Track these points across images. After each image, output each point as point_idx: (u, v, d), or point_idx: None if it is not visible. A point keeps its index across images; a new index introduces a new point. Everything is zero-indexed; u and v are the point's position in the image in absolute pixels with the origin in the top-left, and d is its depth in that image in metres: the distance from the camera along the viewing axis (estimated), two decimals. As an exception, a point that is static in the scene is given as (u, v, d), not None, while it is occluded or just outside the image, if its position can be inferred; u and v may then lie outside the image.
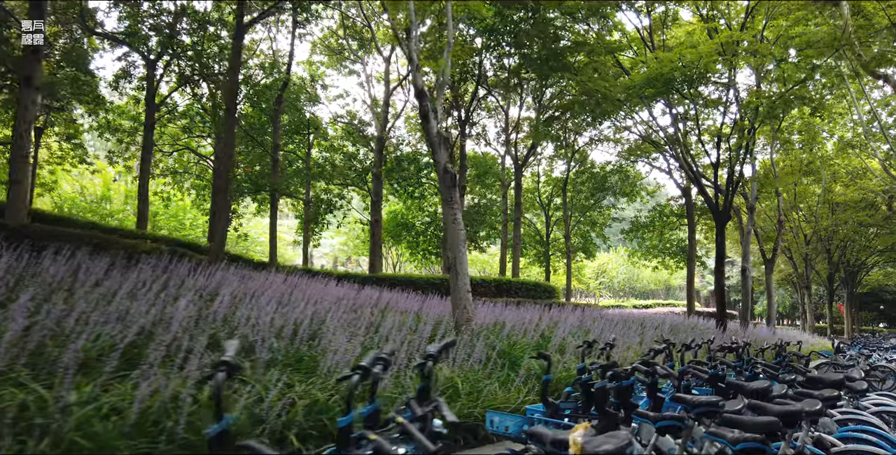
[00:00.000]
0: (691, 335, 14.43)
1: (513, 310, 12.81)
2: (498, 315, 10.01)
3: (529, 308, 15.10)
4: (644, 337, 11.73)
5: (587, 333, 11.06)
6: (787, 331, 26.62)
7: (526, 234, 31.44)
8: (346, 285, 13.22)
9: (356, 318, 6.86)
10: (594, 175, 29.73)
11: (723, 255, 17.41)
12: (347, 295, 10.04)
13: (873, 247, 40.72)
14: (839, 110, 30.66)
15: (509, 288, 22.10)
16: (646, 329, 13.43)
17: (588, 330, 11.31)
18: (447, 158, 8.21)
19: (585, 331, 11.33)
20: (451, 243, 8.24)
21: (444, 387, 5.27)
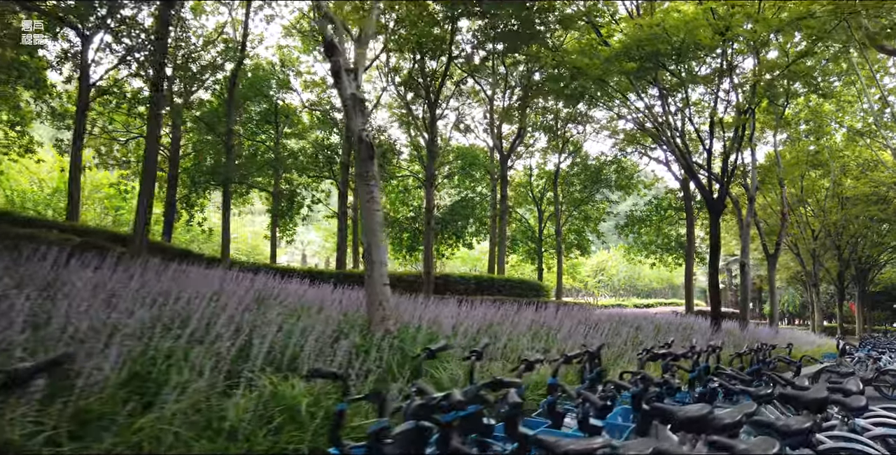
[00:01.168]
0: (677, 336, 13.00)
1: (478, 309, 11.43)
2: (437, 314, 8.61)
3: (505, 307, 13.67)
4: (615, 339, 10.31)
5: (548, 335, 9.67)
6: (793, 331, 25.06)
7: (518, 230, 30.02)
8: (297, 282, 11.87)
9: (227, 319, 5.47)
10: (588, 167, 28.24)
11: (717, 249, 15.94)
12: (266, 290, 8.69)
13: (886, 243, 38.91)
14: (848, 98, 29.03)
15: (492, 285, 20.72)
16: (622, 329, 12.02)
17: (549, 332, 9.90)
18: (363, 125, 6.84)
19: (547, 331, 9.93)
20: (366, 227, 6.88)
21: (277, 407, 3.88)
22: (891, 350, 17.77)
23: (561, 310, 14.66)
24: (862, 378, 12.75)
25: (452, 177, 27.58)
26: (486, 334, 7.88)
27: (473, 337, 7.52)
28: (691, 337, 13.53)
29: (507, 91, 22.56)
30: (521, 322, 9.98)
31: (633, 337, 11.55)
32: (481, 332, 7.99)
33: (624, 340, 10.18)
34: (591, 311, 18.28)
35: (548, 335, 9.69)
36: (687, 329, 15.10)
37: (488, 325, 8.87)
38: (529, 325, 10.15)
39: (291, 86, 21.45)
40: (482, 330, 8.23)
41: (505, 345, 7.56)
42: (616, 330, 12.37)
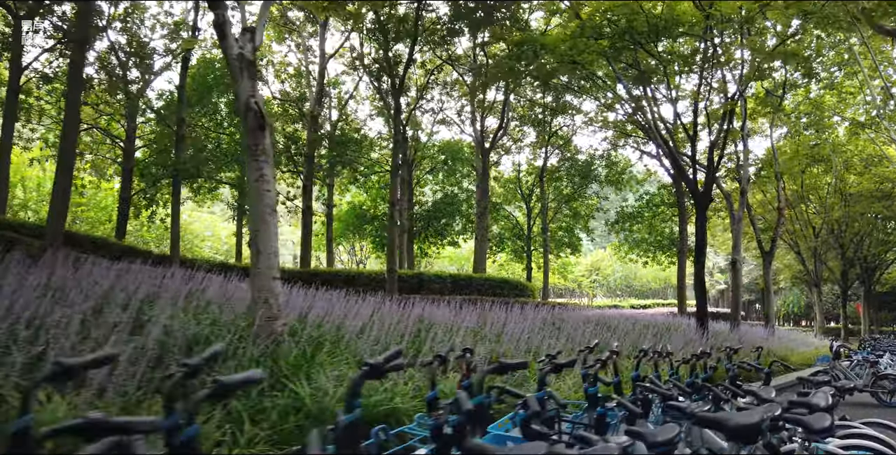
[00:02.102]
0: (655, 339, 11.93)
1: (426, 308, 10.37)
2: (356, 314, 7.55)
3: (469, 307, 12.57)
4: (571, 344, 9.25)
5: (499, 339, 8.63)
6: (792, 332, 23.87)
7: (505, 227, 28.96)
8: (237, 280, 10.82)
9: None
10: (577, 162, 27.15)
11: (703, 245, 14.84)
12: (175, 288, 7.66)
13: (892, 241, 37.57)
14: (850, 89, 27.81)
15: (469, 285, 19.68)
16: (588, 331, 10.98)
17: (499, 334, 8.84)
18: (251, 90, 5.82)
19: (498, 333, 8.88)
20: (254, 211, 5.87)
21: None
22: (892, 352, 16.60)
23: (537, 310, 13.63)
24: (855, 386, 11.51)
25: (436, 172, 26.59)
26: (409, 338, 6.82)
27: (386, 342, 6.45)
28: (672, 339, 12.49)
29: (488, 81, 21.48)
30: (462, 323, 8.94)
31: (602, 341, 10.47)
32: (406, 336, 6.94)
33: (579, 344, 9.08)
34: (574, 311, 17.22)
35: (498, 338, 8.64)
36: (670, 331, 14.00)
37: (418, 329, 7.81)
38: (476, 326, 9.13)
39: (262, 76, 20.46)
40: (410, 333, 7.17)
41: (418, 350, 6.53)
42: (582, 332, 11.33)
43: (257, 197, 5.78)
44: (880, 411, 11.06)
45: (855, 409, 11.41)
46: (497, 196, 30.18)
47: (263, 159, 5.81)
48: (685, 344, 11.38)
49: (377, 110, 23.72)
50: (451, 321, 9.12)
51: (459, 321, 9.34)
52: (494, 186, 30.39)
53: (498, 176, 30.26)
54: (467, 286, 19.55)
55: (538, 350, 8.44)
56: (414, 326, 7.91)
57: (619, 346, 9.86)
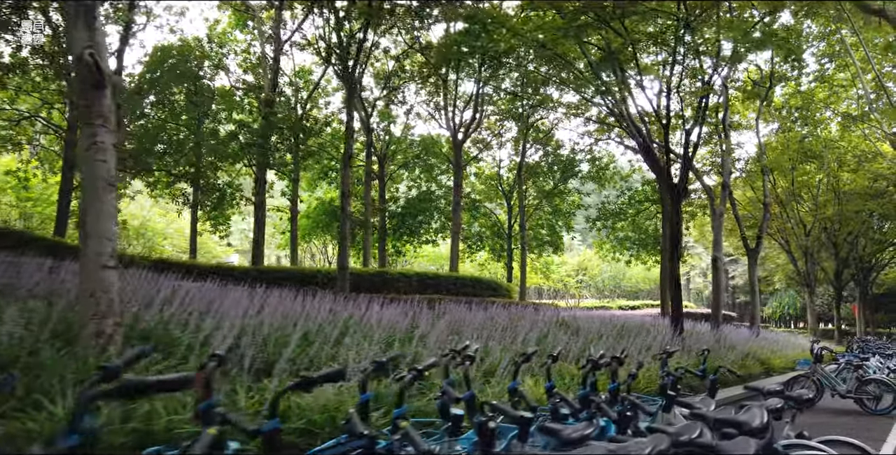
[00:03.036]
0: (626, 342, 10.92)
1: (374, 307, 9.37)
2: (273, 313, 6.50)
3: (420, 307, 11.50)
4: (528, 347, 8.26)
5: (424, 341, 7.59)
6: (779, 334, 22.79)
7: (485, 225, 27.93)
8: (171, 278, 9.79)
9: None
10: (560, 157, 26.11)
11: (676, 240, 13.81)
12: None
13: (888, 240, 36.53)
14: (841, 82, 26.87)
15: (437, 284, 18.66)
16: (555, 334, 10.00)
17: (424, 336, 7.80)
18: (88, 40, 4.79)
19: (423, 336, 7.84)
20: (85, 184, 4.86)
21: None
22: (882, 353, 15.56)
23: (506, 310, 12.66)
24: (838, 392, 10.36)
25: (411, 168, 25.55)
26: (296, 343, 5.73)
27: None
28: (637, 342, 11.49)
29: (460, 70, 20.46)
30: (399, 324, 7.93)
31: (564, 343, 9.47)
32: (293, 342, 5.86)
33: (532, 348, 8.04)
34: (549, 312, 16.15)
35: (424, 341, 7.60)
36: (643, 333, 12.97)
37: (341, 332, 6.77)
38: (408, 327, 8.12)
39: (222, 64, 19.45)
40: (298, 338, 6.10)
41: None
42: (543, 334, 10.32)
43: (89, 168, 4.77)
44: (864, 420, 10.06)
45: (837, 417, 10.41)
46: (478, 193, 29.19)
47: (100, 123, 4.80)
48: (647, 348, 10.36)
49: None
50: (386, 322, 8.14)
51: (394, 322, 8.37)
52: (475, 183, 29.40)
53: (479, 172, 29.26)
54: (435, 285, 18.53)
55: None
56: (332, 329, 6.91)
57: (564, 350, 8.89)
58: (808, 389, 11.70)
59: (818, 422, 9.85)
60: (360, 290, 16.59)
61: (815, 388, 11.47)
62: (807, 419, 10.15)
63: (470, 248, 27.24)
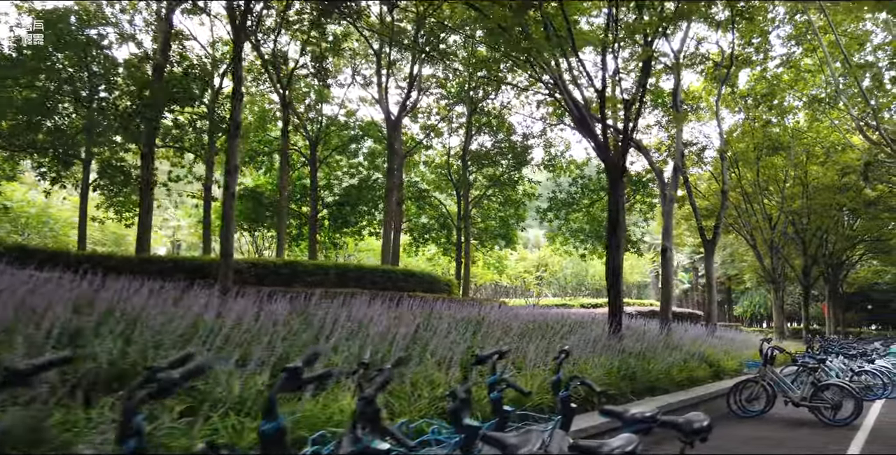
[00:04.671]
0: (543, 344, 9.08)
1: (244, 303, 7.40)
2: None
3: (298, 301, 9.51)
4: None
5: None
6: (739, 333, 21.15)
7: (433, 217, 26.02)
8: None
9: None
10: (513, 144, 24.29)
11: (616, 224, 12.03)
12: None
13: (857, 235, 35.43)
14: (808, 67, 25.50)
15: (361, 277, 16.69)
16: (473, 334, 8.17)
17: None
18: None
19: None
20: None
21: None
22: (846, 354, 13.96)
23: (432, 306, 10.77)
24: (791, 399, 8.52)
25: (348, 153, 23.54)
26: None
27: None
28: (568, 343, 9.67)
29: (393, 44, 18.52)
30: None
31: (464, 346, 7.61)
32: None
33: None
34: (482, 309, 14.24)
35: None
36: (575, 332, 11.13)
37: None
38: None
39: (126, 33, 17.21)
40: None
41: None
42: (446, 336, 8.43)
43: None
44: (819, 434, 8.35)
45: (788, 429, 8.71)
46: (428, 183, 27.30)
47: None
48: (548, 351, 8.52)
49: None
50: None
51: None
52: (425, 172, 27.52)
53: (428, 161, 27.36)
54: (358, 279, 16.57)
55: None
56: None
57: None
58: (756, 397, 10.07)
59: (762, 436, 8.15)
60: (263, 283, 14.64)
61: (765, 395, 9.80)
62: (750, 432, 8.44)
63: (415, 240, 25.31)
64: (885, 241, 35.97)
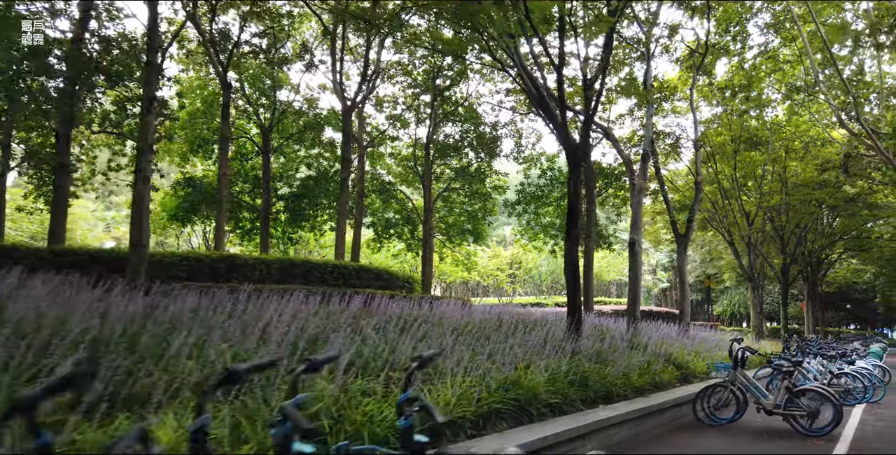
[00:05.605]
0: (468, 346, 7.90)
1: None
2: None
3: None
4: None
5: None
6: (714, 333, 20.25)
7: (398, 211, 24.80)
8: None
9: None
10: (482, 134, 23.14)
11: (575, 212, 10.92)
12: None
13: (836, 233, 34.89)
14: (787, 57, 24.74)
15: (307, 272, 15.43)
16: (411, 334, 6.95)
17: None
18: None
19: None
20: None
21: None
22: (825, 355, 12.99)
23: (376, 304, 9.60)
24: (763, 406, 7.51)
25: (309, 143, 22.21)
26: None
27: None
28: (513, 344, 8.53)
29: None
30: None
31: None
32: None
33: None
34: (443, 306, 13.05)
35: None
36: (530, 332, 9.98)
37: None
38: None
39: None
40: None
41: None
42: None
43: None
44: (795, 447, 7.30)
45: (760, 441, 7.66)
46: (394, 176, 26.06)
47: None
48: (491, 354, 7.42)
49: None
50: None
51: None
52: (391, 165, 26.29)
53: (395, 153, 26.12)
54: (304, 275, 15.30)
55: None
56: None
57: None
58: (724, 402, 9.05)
59: (729, 448, 7.07)
60: (196, 279, 13.34)
61: (736, 401, 8.78)
62: (716, 443, 7.39)
63: (379, 236, 24.05)
64: (864, 238, 35.50)
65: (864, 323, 59.86)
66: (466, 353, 6.97)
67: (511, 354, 7.33)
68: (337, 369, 5.14)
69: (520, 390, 6.51)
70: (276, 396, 4.43)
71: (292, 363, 5.25)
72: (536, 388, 6.71)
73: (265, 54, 16.92)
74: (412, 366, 2.81)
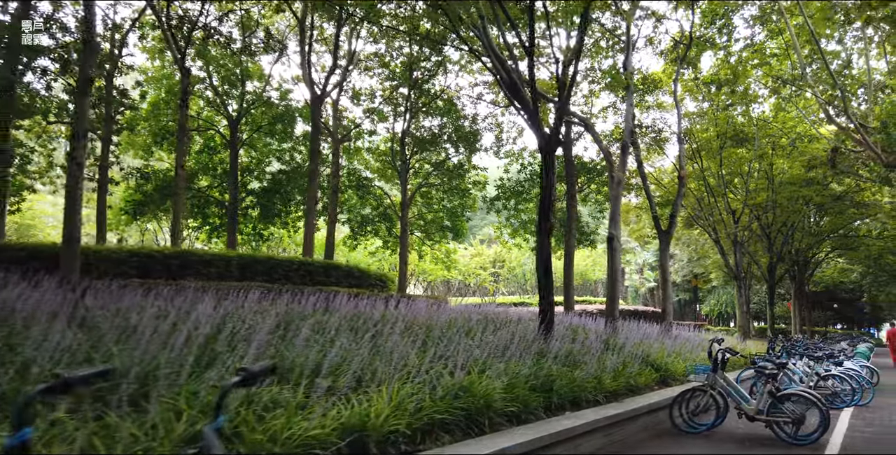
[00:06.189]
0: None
1: None
2: None
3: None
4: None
5: None
6: (693, 332, 19.60)
7: (374, 207, 24.00)
8: None
9: None
10: (461, 128, 22.39)
11: (547, 205, 10.21)
12: None
13: (823, 232, 34.49)
14: (773, 51, 24.21)
15: (271, 269, 14.61)
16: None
17: None
18: None
19: None
20: None
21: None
22: (811, 356, 12.36)
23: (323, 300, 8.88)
24: (745, 411, 6.68)
25: (281, 136, 21.36)
26: None
27: None
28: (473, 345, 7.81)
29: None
30: None
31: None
32: None
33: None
34: (412, 304, 12.30)
35: None
36: (495, 332, 9.25)
37: None
38: None
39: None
40: None
41: None
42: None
43: None
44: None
45: (742, 448, 6.99)
46: (373, 171, 25.26)
47: None
48: (444, 356, 6.70)
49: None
50: None
51: None
52: (369, 160, 25.48)
53: (372, 148, 25.31)
54: (268, 272, 14.49)
55: None
56: None
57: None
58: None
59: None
60: (148, 276, 12.52)
61: (716, 406, 8.09)
62: (695, 452, 6.73)
63: (354, 233, 23.23)
64: (851, 237, 35.13)
65: (850, 323, 59.74)
66: (414, 356, 6.23)
67: (467, 357, 6.59)
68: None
69: (471, 397, 5.77)
70: (157, 411, 3.67)
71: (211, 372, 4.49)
72: (491, 394, 5.97)
73: (230, 41, 16.08)
74: (229, 383, 2.07)
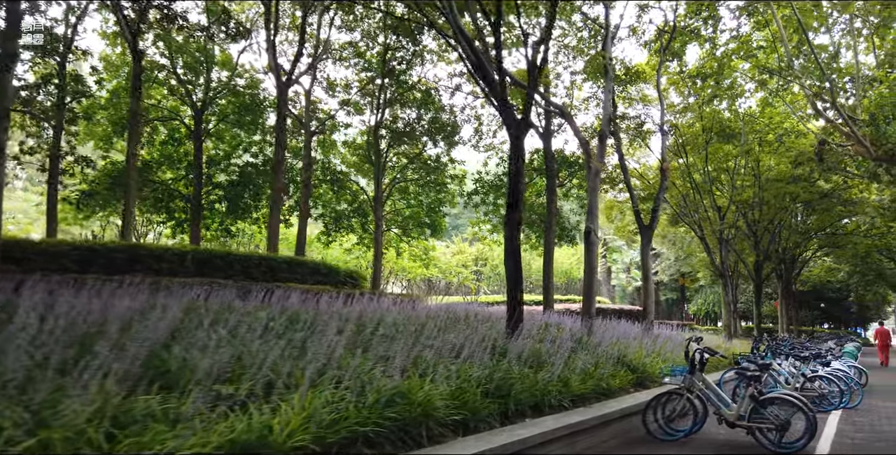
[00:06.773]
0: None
1: None
2: None
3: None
4: None
5: None
6: (675, 331, 18.92)
7: (349, 202, 23.17)
8: None
9: None
10: (439, 120, 21.62)
11: (515, 194, 9.48)
12: None
13: (810, 229, 34.10)
14: (759, 43, 23.69)
15: (230, 265, 13.79)
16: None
17: None
18: None
19: None
20: None
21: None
22: (797, 356, 11.70)
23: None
24: (725, 417, 5.76)
25: (249, 128, 20.48)
26: None
27: None
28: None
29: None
30: None
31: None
32: None
33: None
34: (375, 302, 11.49)
35: None
36: (450, 331, 8.47)
37: None
38: None
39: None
40: None
41: None
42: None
43: None
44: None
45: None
46: (349, 165, 24.43)
47: None
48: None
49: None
50: None
51: None
52: (345, 154, 24.65)
53: (348, 141, 24.48)
54: (226, 268, 13.66)
55: None
56: None
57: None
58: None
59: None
60: (90, 271, 11.68)
61: (693, 411, 7.38)
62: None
63: (328, 228, 22.41)
64: (838, 235, 34.78)
65: (838, 322, 59.63)
66: (347, 357, 5.45)
67: (405, 357, 5.81)
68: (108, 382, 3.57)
69: (408, 405, 4.99)
70: None
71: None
72: (433, 401, 5.18)
73: (185, 21, 15.21)
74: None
